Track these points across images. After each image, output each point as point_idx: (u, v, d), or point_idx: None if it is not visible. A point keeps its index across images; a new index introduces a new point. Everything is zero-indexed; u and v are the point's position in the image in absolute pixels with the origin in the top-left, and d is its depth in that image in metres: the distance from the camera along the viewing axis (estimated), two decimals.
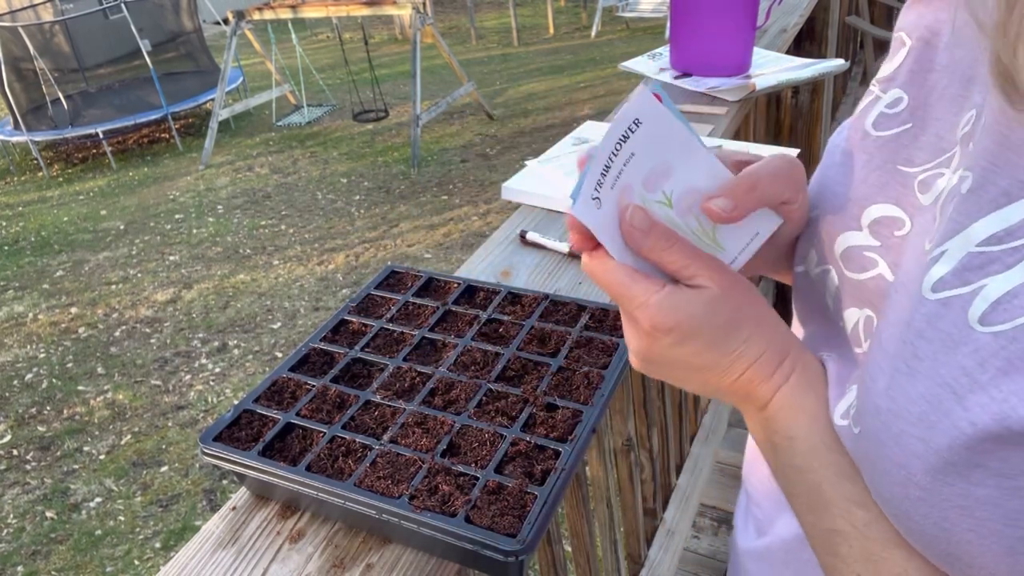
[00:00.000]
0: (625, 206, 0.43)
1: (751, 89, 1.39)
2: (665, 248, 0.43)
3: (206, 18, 7.84)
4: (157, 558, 2.61)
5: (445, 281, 0.86)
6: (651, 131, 0.41)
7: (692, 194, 0.44)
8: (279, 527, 0.63)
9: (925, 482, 0.35)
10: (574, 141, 1.26)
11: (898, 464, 0.37)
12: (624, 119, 0.40)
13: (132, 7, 6.44)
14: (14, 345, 3.99)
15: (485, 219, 4.79)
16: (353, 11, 5.77)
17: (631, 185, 0.43)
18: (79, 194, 5.94)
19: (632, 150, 0.42)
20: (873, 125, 0.48)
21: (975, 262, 0.35)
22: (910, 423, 0.36)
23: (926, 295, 0.36)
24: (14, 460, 3.15)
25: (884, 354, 0.39)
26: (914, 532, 0.38)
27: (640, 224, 0.43)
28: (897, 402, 0.37)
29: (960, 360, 0.34)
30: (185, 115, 7.19)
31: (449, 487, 0.58)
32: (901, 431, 0.36)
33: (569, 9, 10.74)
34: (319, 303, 4.07)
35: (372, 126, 6.64)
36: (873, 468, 0.39)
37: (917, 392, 0.36)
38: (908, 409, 0.36)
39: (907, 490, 0.37)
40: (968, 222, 0.35)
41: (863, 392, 0.40)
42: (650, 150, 0.42)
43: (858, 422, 0.40)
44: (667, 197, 0.44)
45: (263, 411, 0.68)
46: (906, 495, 0.37)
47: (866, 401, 0.39)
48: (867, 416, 0.39)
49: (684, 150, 0.43)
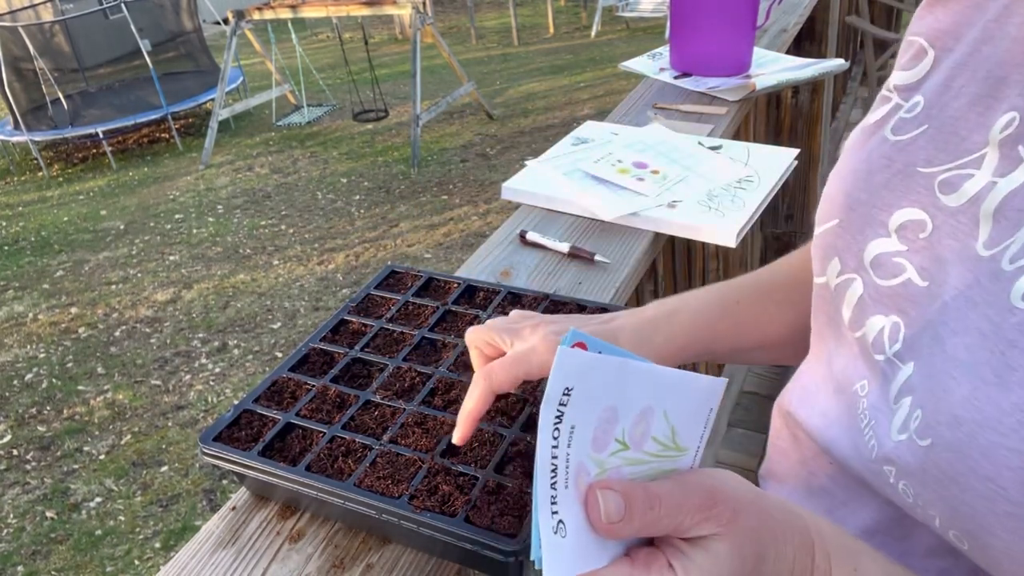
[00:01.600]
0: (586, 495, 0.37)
1: (751, 89, 1.39)
2: (653, 520, 0.36)
3: (206, 18, 7.84)
4: (157, 558, 2.61)
5: (445, 281, 0.86)
6: (584, 389, 0.35)
7: (644, 416, 0.38)
8: (279, 527, 0.63)
9: (1018, 496, 0.34)
10: (574, 141, 1.26)
11: (985, 477, 0.35)
12: (553, 397, 0.34)
13: (132, 7, 6.44)
14: (14, 345, 3.99)
15: (485, 219, 4.79)
16: (353, 11, 5.77)
17: (583, 462, 0.37)
18: (79, 194, 5.94)
19: (572, 423, 0.35)
20: (892, 131, 0.47)
21: None
22: (1001, 434, 0.34)
23: (1016, 304, 0.36)
24: (14, 460, 3.15)
25: (956, 363, 0.37)
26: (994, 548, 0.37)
27: (616, 513, 0.36)
28: (984, 412, 0.35)
29: None
30: (185, 115, 7.19)
31: (449, 487, 0.58)
32: (990, 442, 0.35)
33: (569, 9, 10.74)
34: (319, 303, 4.07)
35: (372, 126, 6.64)
36: (950, 482, 0.37)
37: (1010, 402, 0.34)
38: (1000, 420, 0.35)
39: (994, 504, 0.35)
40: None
41: (930, 403, 0.39)
42: (588, 409, 0.36)
43: (926, 434, 0.39)
44: (621, 441, 0.38)
45: (263, 411, 0.68)
46: (992, 510, 0.35)
47: (939, 412, 0.38)
48: (943, 428, 0.37)
49: (621, 379, 0.37)
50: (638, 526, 0.36)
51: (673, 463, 0.40)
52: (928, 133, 0.44)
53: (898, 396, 0.42)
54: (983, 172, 0.40)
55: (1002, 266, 0.37)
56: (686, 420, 0.39)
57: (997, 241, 0.38)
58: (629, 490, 0.36)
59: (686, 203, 1.04)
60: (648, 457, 0.39)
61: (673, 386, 0.38)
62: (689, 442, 0.40)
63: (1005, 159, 0.39)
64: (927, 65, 0.47)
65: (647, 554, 0.38)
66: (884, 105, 0.49)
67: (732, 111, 1.37)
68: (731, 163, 1.13)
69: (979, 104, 0.41)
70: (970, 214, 0.40)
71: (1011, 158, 0.38)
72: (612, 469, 0.38)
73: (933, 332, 0.40)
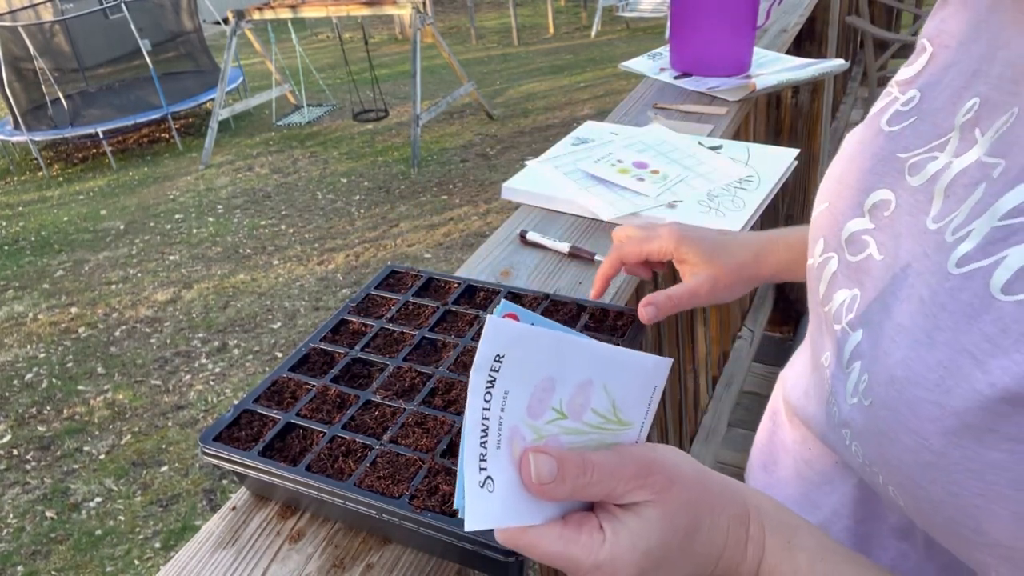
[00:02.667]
0: (520, 458, 0.38)
1: (751, 89, 1.39)
2: (585, 484, 0.38)
3: (206, 18, 7.84)
4: (157, 558, 2.61)
5: (445, 281, 0.86)
6: (518, 356, 0.36)
7: (583, 388, 0.39)
8: (279, 527, 0.63)
9: (938, 446, 0.36)
10: (574, 141, 1.26)
11: (911, 430, 0.38)
12: (483, 363, 0.36)
13: (132, 7, 6.44)
14: (14, 345, 3.99)
15: (485, 219, 4.79)
16: (353, 11, 5.77)
17: (517, 426, 0.38)
18: (79, 194, 5.94)
19: (505, 389, 0.37)
20: (887, 122, 0.50)
21: (998, 235, 0.37)
22: (926, 389, 0.37)
23: (951, 270, 0.38)
24: (14, 460, 3.15)
25: (899, 328, 0.40)
26: (921, 499, 0.39)
27: (548, 475, 0.38)
28: (913, 370, 0.38)
29: (982, 328, 0.35)
30: (185, 115, 7.19)
31: (449, 487, 0.58)
32: (916, 397, 0.37)
33: (569, 9, 10.74)
34: (319, 303, 4.07)
35: (372, 126, 6.64)
36: (884, 437, 0.40)
37: (935, 360, 0.37)
38: (925, 376, 0.37)
39: (918, 455, 0.37)
40: (994, 200, 0.37)
41: (874, 365, 0.41)
42: (524, 376, 0.37)
43: (868, 395, 0.42)
44: (559, 410, 0.39)
45: (263, 411, 0.68)
46: (917, 460, 0.38)
47: (879, 373, 0.41)
48: (880, 387, 0.40)
49: (558, 352, 0.38)
50: (570, 489, 0.38)
51: (615, 436, 0.41)
52: (915, 124, 0.47)
53: (849, 361, 0.45)
54: (945, 154, 0.43)
55: (945, 238, 0.40)
56: (628, 396, 0.41)
57: (944, 215, 0.41)
58: (563, 455, 0.38)
59: (686, 203, 1.04)
60: (588, 428, 0.40)
61: (614, 362, 0.39)
62: (632, 416, 0.41)
63: (963, 141, 0.42)
64: (923, 61, 0.49)
65: (580, 517, 0.40)
66: (884, 99, 0.52)
67: (732, 111, 1.37)
68: (731, 163, 1.13)
69: (956, 95, 0.44)
70: (926, 192, 0.43)
71: (968, 140, 0.41)
72: (550, 437, 0.39)
73: (882, 301, 0.43)
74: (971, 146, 0.41)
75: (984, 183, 0.39)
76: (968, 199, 0.39)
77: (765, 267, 0.71)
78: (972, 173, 0.40)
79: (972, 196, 0.39)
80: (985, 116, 0.41)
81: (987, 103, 0.41)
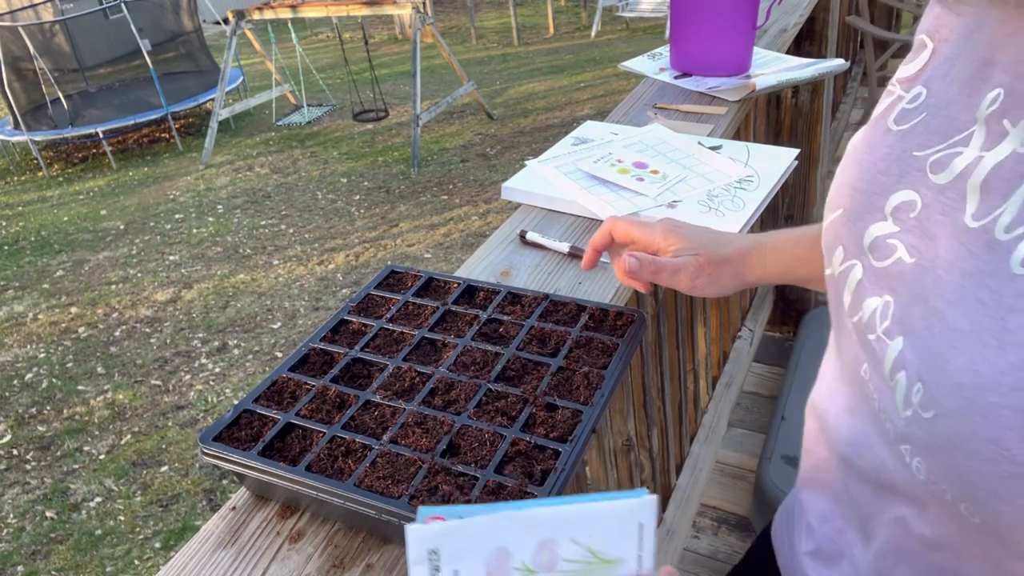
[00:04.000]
0: None
1: (751, 89, 1.39)
2: None
3: (206, 18, 7.84)
4: (157, 558, 2.61)
5: (445, 281, 0.86)
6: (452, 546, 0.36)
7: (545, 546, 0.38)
8: (279, 527, 0.63)
9: (1021, 456, 0.35)
10: (574, 141, 1.26)
11: (989, 440, 0.36)
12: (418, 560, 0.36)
13: (132, 7, 6.44)
14: (14, 345, 3.99)
15: (485, 219, 4.79)
16: (353, 11, 5.77)
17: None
18: (79, 194, 5.94)
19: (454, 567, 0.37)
20: (895, 121, 0.49)
21: None
22: (1001, 395, 0.35)
23: (1015, 270, 0.37)
24: (14, 460, 3.15)
25: (956, 333, 0.38)
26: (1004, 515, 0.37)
27: None
28: (984, 376, 0.36)
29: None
30: (185, 115, 7.19)
31: (449, 487, 0.58)
32: (990, 404, 0.36)
33: (569, 9, 10.74)
34: (319, 303, 4.07)
35: (372, 126, 6.64)
36: (956, 451, 0.38)
37: (1008, 363, 0.35)
38: (999, 381, 0.35)
39: (999, 467, 0.36)
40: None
41: (929, 374, 0.39)
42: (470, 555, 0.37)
43: (929, 406, 0.39)
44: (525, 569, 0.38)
45: (263, 411, 0.68)
46: (998, 472, 0.36)
47: (939, 382, 0.39)
48: (944, 397, 0.38)
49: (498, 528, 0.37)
50: None
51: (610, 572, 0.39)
52: (925, 120, 0.46)
53: (892, 372, 0.43)
54: (971, 149, 0.41)
55: (996, 236, 0.38)
56: (605, 540, 0.39)
57: (986, 212, 0.39)
58: None
59: (686, 203, 1.04)
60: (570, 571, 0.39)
61: (572, 519, 0.38)
62: (621, 553, 0.39)
63: (991, 134, 0.40)
64: (926, 56, 0.48)
65: None
66: (887, 98, 0.51)
67: (732, 111, 1.37)
68: (731, 163, 1.13)
69: (968, 86, 0.43)
70: (957, 189, 0.41)
71: (996, 132, 0.40)
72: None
73: (924, 305, 0.41)
74: (1002, 138, 0.39)
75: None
76: (1014, 194, 0.38)
77: (750, 268, 0.71)
78: (1011, 167, 0.39)
79: (1019, 191, 0.38)
80: (1013, 106, 0.39)
81: (1013, 93, 0.39)
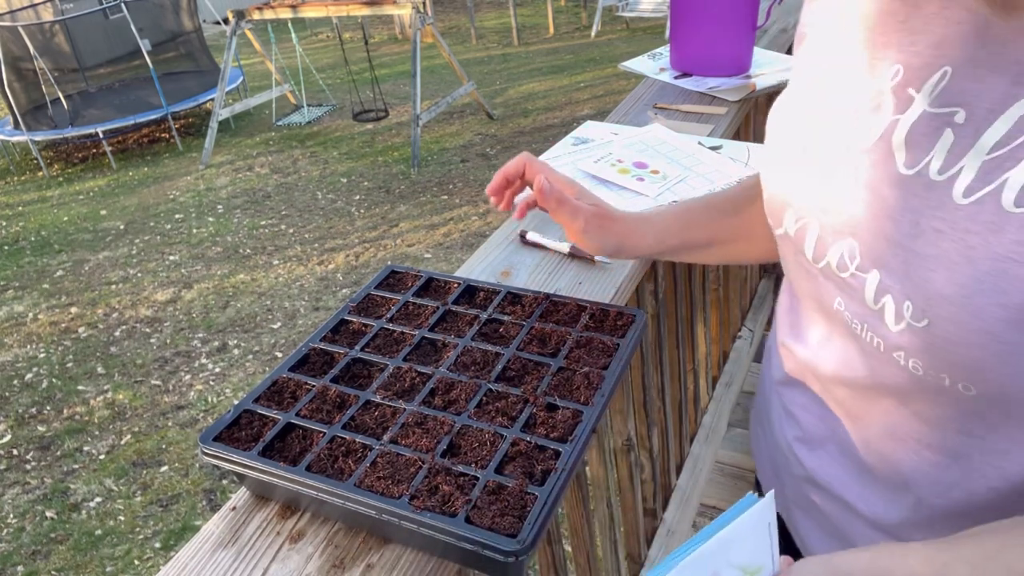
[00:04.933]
0: None
1: (751, 89, 1.39)
2: None
3: (206, 18, 7.84)
4: (157, 558, 2.61)
5: (445, 281, 0.86)
6: None
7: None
8: (279, 527, 0.63)
9: (1009, 336, 0.44)
10: (574, 141, 1.26)
11: (982, 331, 0.44)
12: None
13: (132, 7, 6.43)
14: (14, 345, 3.99)
15: (485, 219, 4.79)
16: (353, 11, 5.77)
17: None
18: (79, 194, 5.94)
19: None
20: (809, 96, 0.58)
21: (992, 165, 0.44)
22: (984, 296, 0.44)
23: (959, 202, 0.45)
24: (14, 460, 3.15)
25: (928, 257, 0.47)
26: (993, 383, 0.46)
27: None
28: (966, 285, 0.45)
29: (1010, 237, 0.43)
30: (185, 115, 7.18)
31: (449, 487, 0.58)
32: (977, 305, 0.44)
33: (569, 9, 10.74)
34: (319, 303, 4.06)
35: (372, 126, 6.64)
36: (953, 345, 0.46)
37: (982, 272, 0.44)
38: (978, 287, 0.44)
39: (992, 349, 0.44)
40: (973, 140, 0.45)
41: (915, 293, 0.48)
42: None
43: (921, 317, 0.48)
44: None
45: (263, 411, 0.68)
46: (989, 353, 0.45)
47: (927, 297, 0.47)
48: (936, 307, 0.46)
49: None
50: None
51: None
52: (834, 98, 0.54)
53: (876, 299, 0.51)
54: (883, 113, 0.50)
55: (931, 178, 0.47)
56: (752, 551, 0.44)
57: (916, 161, 0.48)
58: None
59: None
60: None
61: (731, 543, 0.43)
62: (762, 560, 0.45)
63: (900, 100, 0.49)
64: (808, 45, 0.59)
65: None
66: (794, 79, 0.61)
67: (732, 111, 1.37)
68: (731, 163, 1.13)
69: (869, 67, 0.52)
70: (883, 148, 0.50)
71: (903, 98, 0.49)
72: None
73: (888, 242, 0.49)
74: (909, 103, 0.49)
75: (948, 128, 0.46)
76: (937, 144, 0.47)
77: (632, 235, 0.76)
78: (927, 123, 0.48)
79: (941, 140, 0.47)
80: (914, 78, 0.48)
81: (910, 68, 0.49)
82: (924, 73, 0.48)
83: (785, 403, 0.72)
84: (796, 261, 0.60)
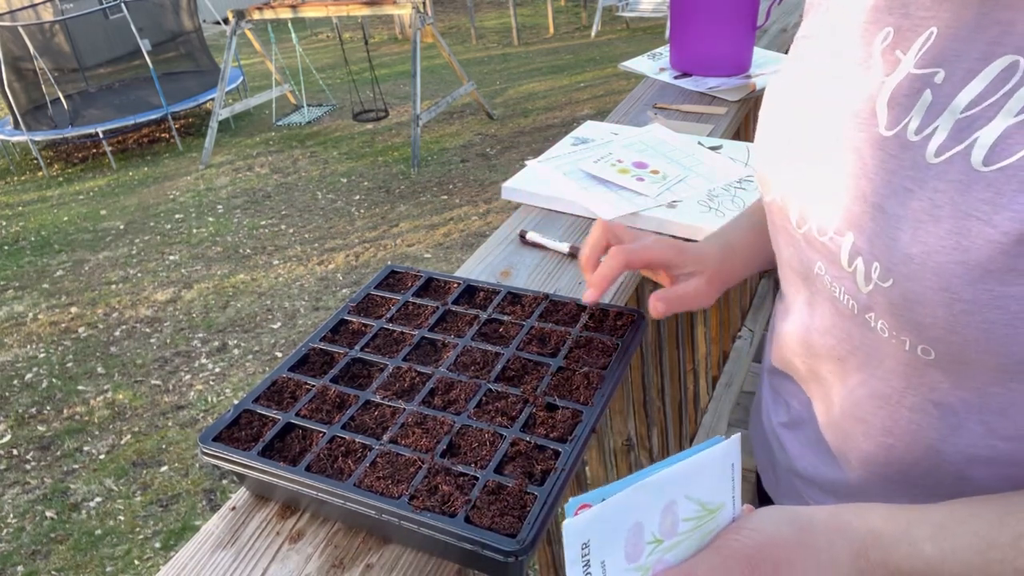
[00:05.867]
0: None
1: (751, 89, 1.39)
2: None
3: (206, 18, 7.84)
4: (157, 558, 2.61)
5: (445, 281, 0.86)
6: (599, 532, 0.39)
7: (668, 510, 0.42)
8: (279, 527, 0.63)
9: (968, 294, 0.43)
10: (574, 141, 1.26)
11: (941, 289, 0.45)
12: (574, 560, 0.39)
13: (132, 7, 6.44)
14: (14, 345, 3.99)
15: (485, 219, 4.79)
16: (353, 11, 5.77)
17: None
18: (79, 194, 5.94)
19: (600, 560, 0.40)
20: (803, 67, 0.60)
21: (963, 125, 0.44)
22: (945, 254, 0.44)
23: (930, 161, 0.46)
24: (14, 460, 3.15)
25: (896, 218, 0.47)
26: (954, 344, 0.46)
27: None
28: (928, 244, 0.45)
29: (976, 195, 0.43)
30: (185, 115, 7.18)
31: (449, 487, 0.58)
32: (939, 263, 0.44)
33: (569, 9, 10.74)
34: (319, 303, 4.07)
35: (372, 126, 6.64)
36: (915, 304, 0.47)
37: (945, 230, 0.44)
38: (940, 245, 0.44)
39: (951, 308, 0.45)
40: (949, 100, 0.46)
41: (883, 254, 0.48)
42: (612, 540, 0.40)
43: (886, 277, 0.48)
44: (654, 540, 0.42)
45: (263, 411, 0.68)
46: (950, 312, 0.45)
47: (892, 257, 0.47)
48: (899, 266, 0.47)
49: (634, 503, 0.40)
50: None
51: (714, 522, 0.44)
52: (828, 63, 0.55)
53: (849, 261, 0.51)
54: (872, 75, 0.51)
55: (908, 139, 0.47)
56: (712, 487, 0.43)
57: (896, 122, 0.48)
58: None
59: (686, 203, 1.04)
60: (685, 534, 0.43)
61: (688, 475, 0.42)
62: (722, 498, 0.43)
63: (887, 63, 0.50)
64: (816, 15, 0.59)
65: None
66: (794, 50, 0.61)
67: (732, 111, 1.37)
68: (731, 163, 1.13)
69: (863, 30, 0.52)
70: (868, 109, 0.50)
71: (890, 60, 0.50)
72: (655, 563, 0.42)
73: (864, 202, 0.50)
74: (896, 65, 0.49)
75: (928, 89, 0.47)
76: (916, 105, 0.47)
77: (731, 273, 0.76)
78: (909, 84, 0.48)
79: (920, 101, 0.47)
80: (902, 40, 0.49)
81: (900, 30, 0.49)
82: (912, 35, 0.49)
83: (774, 387, 0.72)
84: (783, 227, 0.60)
